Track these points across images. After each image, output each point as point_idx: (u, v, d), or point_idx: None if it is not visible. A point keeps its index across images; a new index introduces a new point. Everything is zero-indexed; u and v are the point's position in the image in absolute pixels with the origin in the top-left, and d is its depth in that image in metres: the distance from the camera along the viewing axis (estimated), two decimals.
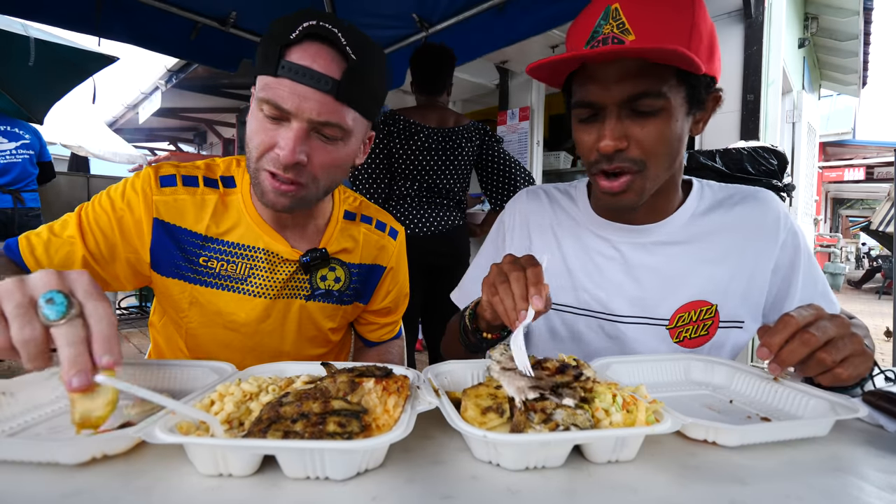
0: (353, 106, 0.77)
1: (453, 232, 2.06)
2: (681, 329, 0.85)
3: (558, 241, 0.93)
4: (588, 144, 0.77)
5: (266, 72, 0.74)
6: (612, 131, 0.72)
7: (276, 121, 0.74)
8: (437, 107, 2.11)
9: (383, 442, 0.42)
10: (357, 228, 0.99)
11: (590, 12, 0.73)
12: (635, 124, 0.73)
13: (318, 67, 0.72)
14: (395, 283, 1.07)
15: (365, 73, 0.76)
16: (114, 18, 2.21)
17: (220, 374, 0.65)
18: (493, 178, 2.20)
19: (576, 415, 0.47)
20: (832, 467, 0.48)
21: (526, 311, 0.62)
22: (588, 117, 0.76)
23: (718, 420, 0.60)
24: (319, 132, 0.76)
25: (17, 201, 3.39)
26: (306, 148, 0.75)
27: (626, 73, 0.70)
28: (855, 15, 4.71)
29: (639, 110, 0.72)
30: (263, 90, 0.74)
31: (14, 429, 0.53)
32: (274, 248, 0.88)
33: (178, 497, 0.41)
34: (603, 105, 0.73)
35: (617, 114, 0.72)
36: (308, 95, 0.72)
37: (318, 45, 0.73)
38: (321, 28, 0.73)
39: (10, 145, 3.42)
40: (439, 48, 2.11)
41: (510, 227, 1.00)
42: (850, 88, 6.73)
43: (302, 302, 0.93)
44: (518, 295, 0.63)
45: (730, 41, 3.04)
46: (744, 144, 2.25)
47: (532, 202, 0.99)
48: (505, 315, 0.65)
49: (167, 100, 5.29)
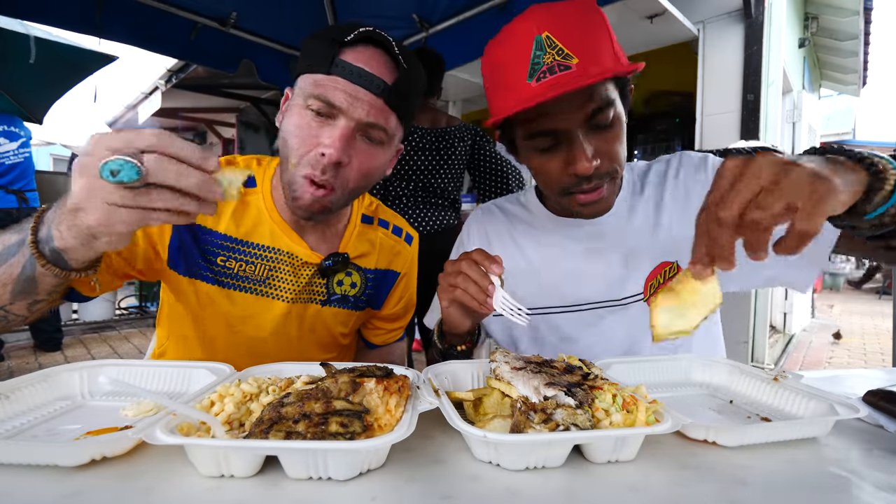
0: (398, 112, 0.79)
1: (448, 231, 2.07)
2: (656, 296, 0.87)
3: (520, 248, 0.96)
4: (557, 171, 0.77)
5: (317, 70, 0.75)
6: (586, 153, 0.73)
7: (323, 118, 0.75)
8: (429, 108, 2.13)
9: (386, 442, 0.43)
10: (374, 233, 0.99)
11: (516, 44, 0.73)
12: (599, 139, 0.75)
13: (371, 70, 0.74)
14: (407, 290, 1.06)
15: (411, 82, 0.79)
16: (114, 19, 2.21)
17: (218, 375, 0.64)
18: (486, 178, 2.22)
19: (576, 415, 0.47)
20: (832, 467, 0.48)
21: (492, 284, 0.64)
22: (549, 146, 0.77)
23: (718, 420, 0.60)
24: (365, 134, 0.77)
25: (22, 201, 3.39)
26: (349, 148, 0.76)
27: (581, 94, 0.71)
28: (855, 15, 4.71)
29: (599, 125, 0.74)
30: (314, 87, 0.74)
31: (10, 431, 0.52)
32: (294, 250, 0.87)
33: (179, 498, 0.41)
34: (567, 130, 0.74)
35: (583, 135, 0.74)
36: (360, 95, 0.74)
37: (372, 49, 0.76)
38: (376, 34, 0.76)
39: (11, 145, 3.43)
40: (428, 52, 2.15)
41: (469, 244, 1.03)
42: (850, 88, 6.72)
43: (318, 307, 0.93)
44: (476, 276, 0.66)
45: (730, 41, 3.04)
46: (744, 144, 2.25)
47: (487, 216, 1.03)
48: (473, 300, 0.67)
49: (167, 100, 5.29)
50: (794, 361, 3.83)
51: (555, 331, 0.92)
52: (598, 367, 0.60)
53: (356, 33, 0.75)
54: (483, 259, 0.68)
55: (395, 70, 0.77)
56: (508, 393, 0.54)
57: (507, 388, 0.54)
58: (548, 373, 0.54)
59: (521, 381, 0.53)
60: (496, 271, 0.66)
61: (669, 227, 0.87)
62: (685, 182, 0.89)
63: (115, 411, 0.59)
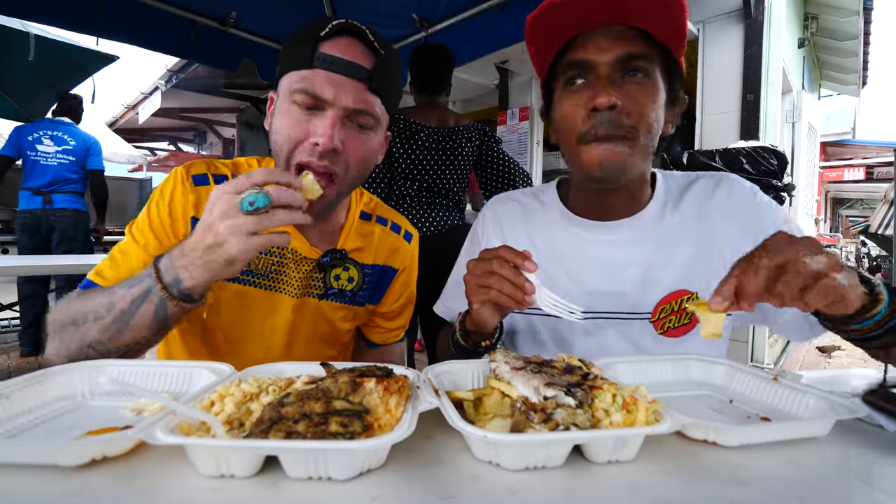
0: (381, 96, 0.81)
1: (452, 232, 2.06)
2: (664, 320, 0.85)
3: (532, 242, 0.94)
4: (576, 109, 0.77)
5: (298, 66, 0.77)
6: (607, 89, 0.73)
7: (311, 111, 0.77)
8: (437, 106, 2.11)
9: (386, 442, 0.42)
10: (372, 229, 1.00)
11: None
12: (626, 87, 0.74)
13: (351, 58, 0.77)
14: (406, 287, 1.07)
15: (390, 67, 0.82)
16: (113, 18, 2.21)
17: (218, 375, 0.64)
18: (493, 178, 2.20)
19: (576, 415, 0.47)
20: (832, 467, 0.48)
21: (528, 282, 0.63)
22: (577, 81, 0.77)
23: (718, 420, 0.60)
24: (353, 120, 0.80)
25: (46, 203, 3.47)
26: (341, 136, 0.78)
27: (621, 36, 0.74)
28: (855, 15, 4.71)
29: (631, 69, 0.74)
30: (298, 82, 0.76)
31: (10, 431, 0.52)
32: (295, 246, 0.88)
33: (179, 498, 0.41)
34: (596, 64, 0.74)
35: (608, 74, 0.74)
36: (344, 84, 0.76)
37: (348, 38, 0.79)
38: (351, 24, 0.79)
39: (52, 148, 3.52)
40: (438, 48, 2.12)
41: (484, 235, 1.01)
42: (850, 88, 6.73)
43: (316, 301, 0.94)
44: (509, 274, 0.65)
45: (730, 41, 3.04)
46: (744, 144, 2.25)
47: (502, 207, 1.01)
48: (510, 300, 0.65)
49: (167, 100, 5.29)
50: (793, 361, 3.83)
51: (552, 333, 0.91)
52: (597, 367, 0.60)
53: (331, 26, 0.77)
54: (514, 257, 0.67)
55: (374, 56, 0.80)
56: (508, 393, 0.54)
57: (507, 388, 0.54)
58: (548, 373, 0.54)
59: (521, 381, 0.53)
60: (531, 269, 0.65)
61: (692, 254, 0.84)
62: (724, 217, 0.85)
63: (115, 411, 0.59)
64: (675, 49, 0.76)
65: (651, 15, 0.72)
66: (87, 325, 0.71)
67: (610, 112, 0.73)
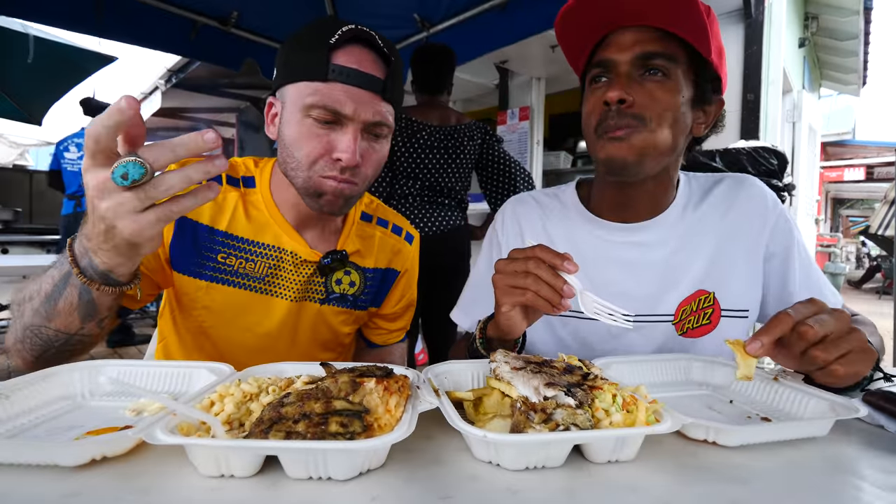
0: (393, 104, 0.81)
1: (455, 232, 2.06)
2: (684, 321, 0.86)
3: (551, 242, 0.92)
4: (593, 104, 0.79)
5: (311, 77, 0.75)
6: (622, 84, 0.75)
7: (328, 125, 0.76)
8: (439, 105, 2.11)
9: (386, 442, 0.43)
10: (373, 231, 0.99)
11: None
12: (646, 84, 0.75)
13: (366, 69, 0.76)
14: (407, 289, 1.07)
15: (398, 73, 0.81)
16: (114, 18, 2.21)
17: (218, 375, 0.64)
18: (494, 178, 2.19)
19: (576, 415, 0.47)
20: (832, 467, 0.48)
21: (567, 284, 0.61)
22: (600, 78, 0.79)
23: (718, 420, 0.60)
24: (370, 132, 0.79)
25: (77, 206, 3.69)
26: (361, 149, 0.77)
27: (644, 36, 0.75)
28: (855, 15, 4.71)
29: (650, 67, 0.75)
30: (312, 95, 0.74)
31: (10, 431, 0.52)
32: (294, 248, 0.87)
33: (179, 498, 0.41)
34: (616, 62, 0.77)
35: (627, 71, 0.76)
36: (362, 97, 0.75)
37: (360, 47, 0.77)
38: (361, 31, 0.76)
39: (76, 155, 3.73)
40: (440, 48, 2.12)
41: (503, 235, 0.99)
42: (850, 88, 6.73)
43: (317, 306, 0.93)
44: (548, 277, 0.61)
45: (730, 41, 3.03)
46: (744, 144, 2.25)
47: (521, 206, 0.99)
48: (547, 304, 0.62)
49: (167, 100, 5.28)
50: None
51: (575, 335, 0.90)
52: (597, 367, 0.60)
53: (341, 33, 0.74)
54: (552, 257, 0.62)
55: (385, 65, 0.79)
56: (508, 393, 0.54)
57: (507, 388, 0.54)
58: (548, 373, 0.54)
59: (521, 381, 0.53)
60: (571, 270, 0.60)
61: (712, 254, 0.85)
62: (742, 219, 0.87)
63: (115, 411, 0.59)
64: (700, 47, 0.75)
65: (666, 14, 0.73)
66: (24, 306, 0.68)
67: (619, 106, 0.75)
